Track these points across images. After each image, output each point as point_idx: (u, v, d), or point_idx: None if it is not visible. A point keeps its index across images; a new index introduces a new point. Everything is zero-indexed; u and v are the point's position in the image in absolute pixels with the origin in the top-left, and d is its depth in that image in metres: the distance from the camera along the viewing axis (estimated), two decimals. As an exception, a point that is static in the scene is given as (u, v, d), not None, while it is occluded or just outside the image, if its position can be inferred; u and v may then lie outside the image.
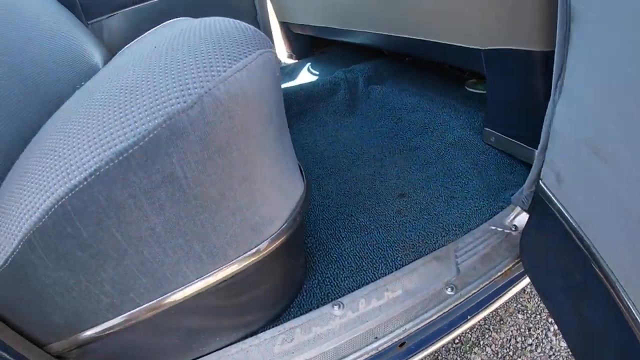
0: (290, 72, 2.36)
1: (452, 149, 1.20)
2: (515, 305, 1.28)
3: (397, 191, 1.07)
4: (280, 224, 0.68)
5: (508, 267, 0.85)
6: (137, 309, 0.62)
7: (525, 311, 1.26)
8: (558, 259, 0.73)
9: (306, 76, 2.21)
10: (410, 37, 1.32)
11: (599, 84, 0.54)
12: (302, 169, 0.80)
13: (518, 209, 0.94)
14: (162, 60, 0.55)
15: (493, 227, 0.93)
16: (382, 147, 1.29)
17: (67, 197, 0.48)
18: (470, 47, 1.08)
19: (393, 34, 1.41)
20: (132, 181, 0.48)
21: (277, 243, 0.68)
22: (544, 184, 0.76)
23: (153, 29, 1.74)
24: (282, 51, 2.74)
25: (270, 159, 0.61)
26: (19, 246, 0.50)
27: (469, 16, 1.02)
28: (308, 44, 2.51)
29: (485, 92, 1.42)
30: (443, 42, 1.17)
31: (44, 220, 0.48)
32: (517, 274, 0.87)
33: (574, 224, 0.65)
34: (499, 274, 0.85)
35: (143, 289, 0.60)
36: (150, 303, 0.62)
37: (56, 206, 0.48)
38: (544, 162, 0.76)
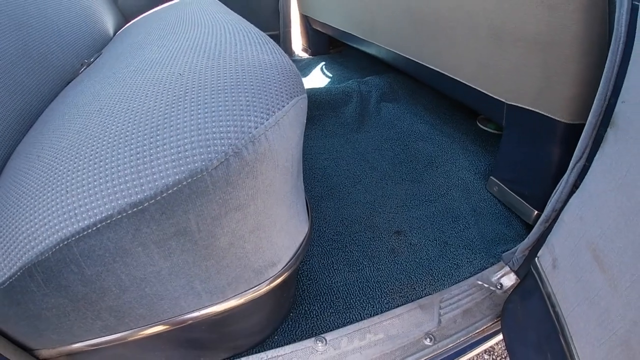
0: (302, 68, 2.34)
1: (454, 190, 1.20)
2: (484, 344, 1.31)
3: (393, 227, 1.08)
4: (282, 266, 0.67)
5: (487, 326, 0.87)
6: (130, 331, 0.62)
7: (492, 353, 1.29)
8: (535, 334, 0.74)
9: (318, 76, 2.19)
10: (431, 67, 1.31)
11: (621, 200, 0.55)
12: (308, 204, 0.80)
13: (506, 267, 0.95)
14: (188, 99, 0.53)
15: (479, 282, 0.94)
16: (385, 173, 1.29)
17: (73, 238, 0.46)
18: (493, 96, 1.08)
19: (414, 59, 1.40)
20: (144, 232, 0.47)
21: (275, 282, 0.68)
22: (539, 263, 0.78)
23: (173, 3, 1.71)
24: (298, 43, 2.71)
25: (283, 208, 0.61)
26: (18, 273, 0.49)
27: (499, 67, 1.02)
28: (325, 41, 2.49)
29: (495, 131, 1.43)
30: (465, 82, 1.17)
31: (46, 255, 0.47)
32: (493, 331, 0.88)
33: (558, 311, 0.68)
34: (477, 330, 0.86)
35: (139, 317, 0.60)
36: (143, 327, 0.62)
37: (61, 245, 0.47)
38: (544, 242, 0.77)
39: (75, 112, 0.66)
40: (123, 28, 1.76)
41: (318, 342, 0.82)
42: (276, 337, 0.84)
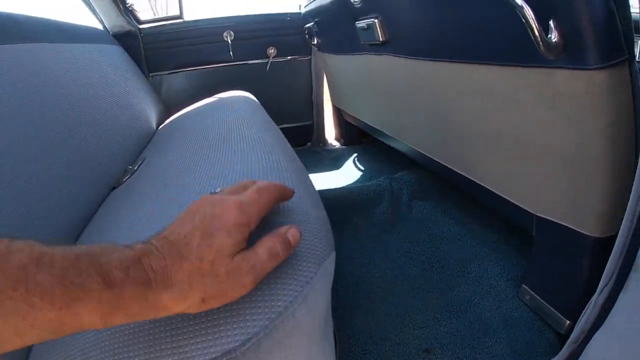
0: (336, 159, 2.41)
1: (485, 299, 1.19)
2: None
3: (423, 344, 1.07)
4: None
5: None
6: None
7: None
8: None
9: (351, 168, 2.27)
10: (458, 171, 1.34)
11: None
12: (336, 337, 0.81)
13: (537, 383, 0.93)
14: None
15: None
16: (416, 281, 1.29)
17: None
18: (522, 207, 1.08)
19: (440, 161, 1.44)
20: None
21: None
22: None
23: (211, 101, 1.81)
24: (331, 132, 2.81)
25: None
26: None
27: (527, 179, 1.03)
28: (357, 131, 2.56)
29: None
30: (492, 190, 1.18)
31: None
32: None
33: None
34: None
35: None
36: None
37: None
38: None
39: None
40: (166, 124, 1.85)
41: None
42: None
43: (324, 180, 2.17)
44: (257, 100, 1.79)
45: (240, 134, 1.13)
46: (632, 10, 0.73)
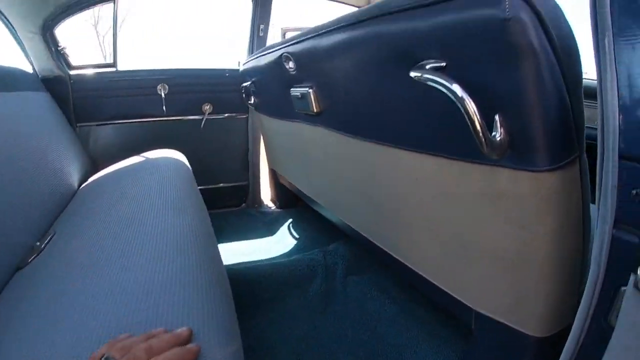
0: (270, 223, 2.34)
1: (424, 394, 1.10)
2: None
3: None
4: None
5: None
6: None
7: None
8: None
9: (284, 235, 2.21)
10: (392, 254, 1.28)
11: None
12: None
13: None
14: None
15: None
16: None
17: None
18: (459, 299, 1.02)
19: (373, 241, 1.37)
20: None
21: None
22: None
23: (136, 163, 1.70)
24: (266, 194, 2.76)
25: None
26: None
27: (464, 273, 0.97)
28: (292, 195, 2.48)
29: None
30: (430, 280, 1.12)
31: None
32: None
33: None
34: None
35: None
36: None
37: None
38: None
39: None
40: (87, 185, 1.71)
41: None
42: None
43: (257, 248, 2.06)
44: (186, 163, 1.70)
45: (157, 213, 1.05)
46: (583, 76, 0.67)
